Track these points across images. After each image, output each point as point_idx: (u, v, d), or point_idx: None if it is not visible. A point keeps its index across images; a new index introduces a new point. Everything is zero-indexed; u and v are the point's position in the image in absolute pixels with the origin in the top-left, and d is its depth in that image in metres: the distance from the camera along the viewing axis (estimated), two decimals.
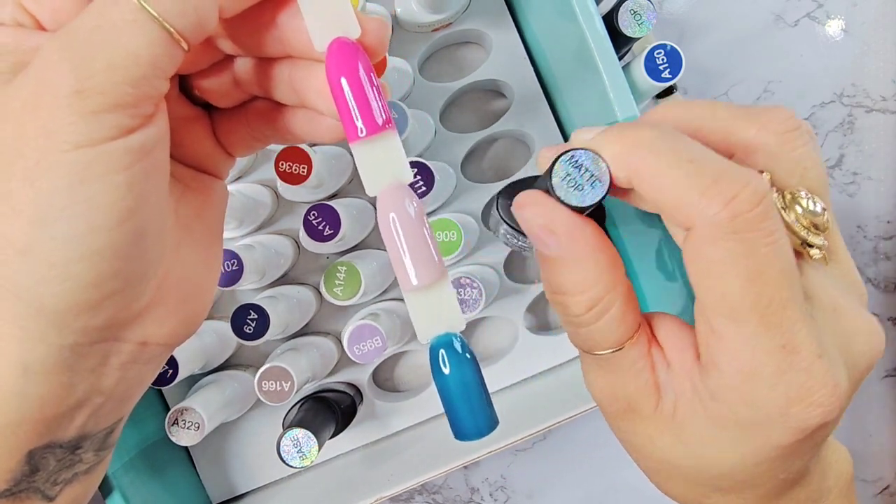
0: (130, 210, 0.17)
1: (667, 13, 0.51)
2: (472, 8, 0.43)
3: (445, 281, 0.18)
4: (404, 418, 0.46)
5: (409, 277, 0.18)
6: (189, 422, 0.38)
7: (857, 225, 0.52)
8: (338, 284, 0.38)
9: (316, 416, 0.39)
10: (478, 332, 0.48)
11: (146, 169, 0.17)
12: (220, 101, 0.23)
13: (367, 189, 0.19)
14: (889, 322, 0.53)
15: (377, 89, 0.19)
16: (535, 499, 0.53)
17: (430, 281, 0.18)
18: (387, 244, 0.19)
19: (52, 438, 0.19)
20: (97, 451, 0.22)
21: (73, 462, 0.21)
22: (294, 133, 0.23)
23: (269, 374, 0.38)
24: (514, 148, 0.47)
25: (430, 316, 0.18)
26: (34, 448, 0.19)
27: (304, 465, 0.37)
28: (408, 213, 0.18)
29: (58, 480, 0.21)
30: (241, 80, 0.22)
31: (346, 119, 0.19)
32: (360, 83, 0.18)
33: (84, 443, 0.21)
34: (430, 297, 0.18)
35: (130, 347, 0.20)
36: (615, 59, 0.34)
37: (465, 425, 0.18)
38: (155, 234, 0.19)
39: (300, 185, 0.37)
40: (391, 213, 0.18)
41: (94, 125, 0.16)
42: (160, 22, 0.16)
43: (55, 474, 0.20)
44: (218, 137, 0.23)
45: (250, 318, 0.38)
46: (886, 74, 0.51)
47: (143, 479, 0.40)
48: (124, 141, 0.17)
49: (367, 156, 0.19)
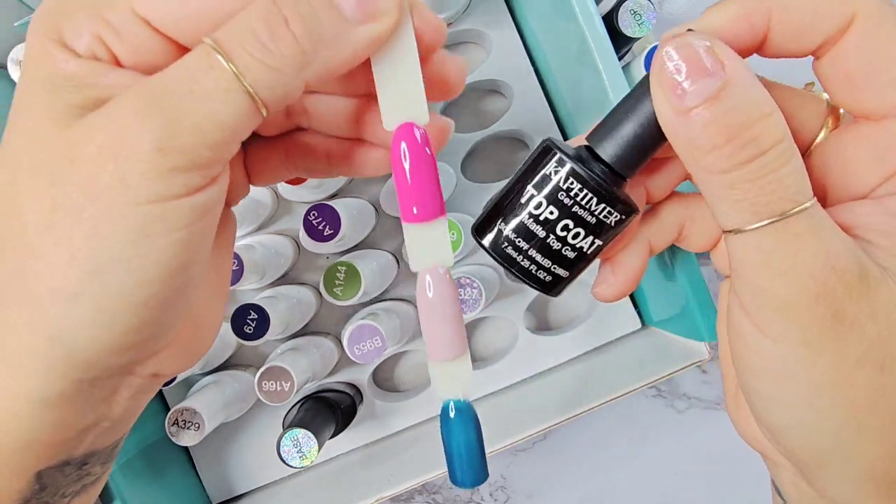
0: (183, 266, 0.17)
1: (667, 13, 0.51)
2: (472, 8, 0.43)
3: (466, 355, 0.21)
4: (404, 418, 0.46)
5: (437, 348, 0.20)
6: (189, 422, 0.38)
7: None
8: (338, 284, 0.38)
9: (316, 416, 0.39)
10: (478, 332, 0.48)
11: (204, 228, 0.18)
12: (266, 130, 0.23)
13: (411, 264, 0.20)
14: None
15: (436, 179, 0.19)
16: (535, 499, 0.53)
17: (457, 354, 0.20)
18: (421, 319, 0.20)
19: (62, 458, 0.20)
20: (104, 464, 0.22)
21: (81, 476, 0.21)
22: (340, 165, 0.23)
23: (269, 374, 0.38)
24: (514, 148, 0.47)
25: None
26: (43, 469, 0.19)
27: (304, 465, 0.37)
28: (443, 295, 0.20)
29: (66, 493, 0.21)
30: (294, 110, 0.22)
31: (402, 199, 0.20)
32: (422, 171, 0.19)
33: (91, 458, 0.21)
34: (454, 368, 0.20)
35: (141, 381, 0.20)
36: (615, 59, 0.34)
37: (463, 477, 0.21)
38: (197, 285, 0.19)
39: (300, 186, 0.37)
40: (429, 294, 0.20)
41: (169, 182, 0.16)
42: (252, 94, 0.16)
43: (63, 488, 0.21)
44: (246, 165, 0.23)
45: (250, 318, 0.38)
46: None
47: (142, 479, 0.40)
48: (190, 199, 0.17)
49: (417, 236, 0.20)
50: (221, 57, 0.16)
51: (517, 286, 0.46)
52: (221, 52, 0.16)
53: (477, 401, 0.46)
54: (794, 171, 0.17)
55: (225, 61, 0.16)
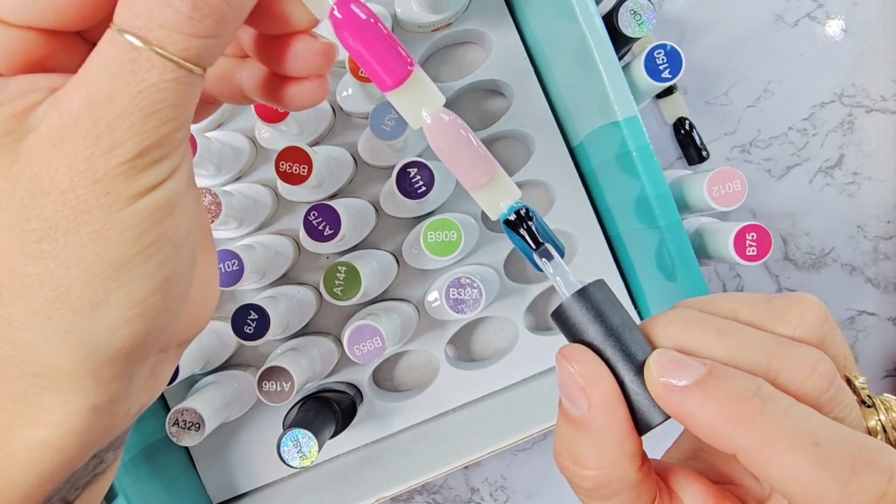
0: (189, 231, 0.18)
1: (667, 13, 0.51)
2: (472, 8, 0.43)
3: (500, 171, 0.22)
4: (404, 418, 0.46)
5: (470, 180, 0.22)
6: (189, 422, 0.38)
7: (857, 225, 0.52)
8: (338, 284, 0.38)
9: (316, 416, 0.39)
10: (478, 332, 0.48)
11: (193, 192, 0.19)
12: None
13: (411, 124, 0.21)
14: (889, 322, 0.53)
15: (390, 40, 0.19)
16: (535, 499, 0.53)
17: (484, 181, 0.22)
18: (445, 163, 0.21)
19: (94, 453, 0.20)
20: (115, 450, 0.22)
21: (95, 465, 0.21)
22: (270, 99, 0.23)
23: (269, 374, 0.38)
24: (514, 148, 0.47)
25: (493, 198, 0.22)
26: (76, 469, 0.20)
27: (304, 465, 0.37)
28: (451, 127, 0.21)
29: (78, 485, 0.21)
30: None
31: (371, 74, 0.20)
32: (373, 39, 0.19)
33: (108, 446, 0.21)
34: (492, 187, 0.22)
35: (174, 353, 0.21)
36: (615, 59, 0.34)
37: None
38: (197, 241, 0.20)
39: (300, 185, 0.37)
40: (440, 136, 0.21)
41: (152, 176, 0.17)
42: (186, 66, 0.17)
43: (77, 480, 0.21)
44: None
45: (250, 318, 0.38)
46: (886, 74, 0.51)
47: (143, 478, 0.40)
48: (175, 178, 0.17)
49: (402, 99, 0.20)
50: (137, 40, 0.16)
51: (517, 286, 0.46)
52: (138, 37, 0.16)
53: (477, 401, 0.46)
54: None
55: (144, 44, 0.16)
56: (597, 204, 0.45)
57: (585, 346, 0.20)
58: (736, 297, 0.21)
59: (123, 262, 0.17)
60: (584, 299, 0.20)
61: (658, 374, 0.19)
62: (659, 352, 0.19)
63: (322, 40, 0.21)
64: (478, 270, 0.43)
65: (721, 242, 0.39)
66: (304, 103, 0.22)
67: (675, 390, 0.18)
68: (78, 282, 0.16)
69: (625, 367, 0.20)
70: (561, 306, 0.21)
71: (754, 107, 0.51)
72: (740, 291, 0.22)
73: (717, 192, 0.38)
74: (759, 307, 0.20)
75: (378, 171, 0.45)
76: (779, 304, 0.20)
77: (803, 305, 0.20)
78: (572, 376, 0.19)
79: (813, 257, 0.52)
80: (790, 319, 0.19)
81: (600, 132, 0.38)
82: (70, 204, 0.16)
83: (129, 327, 0.17)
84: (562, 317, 0.21)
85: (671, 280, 0.38)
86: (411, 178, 0.38)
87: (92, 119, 0.16)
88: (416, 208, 0.42)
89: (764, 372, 0.18)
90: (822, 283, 0.52)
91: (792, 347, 0.18)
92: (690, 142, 0.50)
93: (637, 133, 0.35)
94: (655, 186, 0.35)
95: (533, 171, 0.45)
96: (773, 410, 0.17)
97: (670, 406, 0.18)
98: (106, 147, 0.16)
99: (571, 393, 0.19)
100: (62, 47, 0.18)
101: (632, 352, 0.20)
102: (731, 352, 0.19)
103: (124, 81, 0.16)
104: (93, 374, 0.17)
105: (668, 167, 0.52)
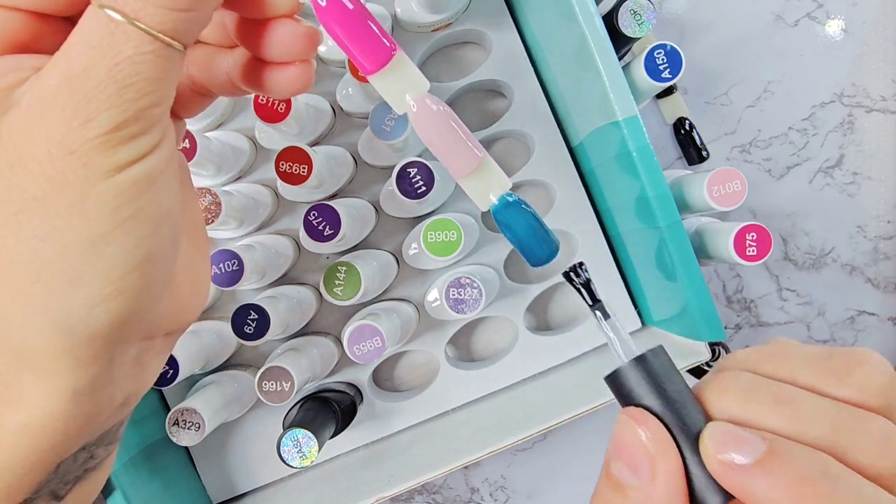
0: (169, 211, 0.18)
1: (667, 13, 0.51)
2: (472, 8, 0.43)
3: (488, 159, 0.22)
4: (404, 418, 0.46)
5: (457, 166, 0.22)
6: (189, 422, 0.38)
7: (857, 225, 0.52)
8: (338, 284, 0.38)
9: (316, 416, 0.39)
10: (478, 332, 0.48)
11: (173, 172, 0.19)
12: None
13: (396, 110, 0.21)
14: (889, 322, 0.53)
15: (371, 25, 0.19)
16: (535, 499, 0.53)
17: (471, 168, 0.22)
18: (432, 150, 0.21)
19: (81, 445, 0.20)
20: (108, 446, 0.22)
21: (85, 459, 0.21)
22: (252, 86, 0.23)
23: (269, 374, 0.38)
24: (514, 148, 0.47)
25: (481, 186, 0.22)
26: (63, 459, 0.19)
27: (304, 465, 0.37)
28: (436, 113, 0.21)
29: (68, 479, 0.21)
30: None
31: (353, 58, 0.20)
32: (353, 22, 0.19)
33: (99, 440, 0.21)
34: (480, 175, 0.22)
35: (161, 341, 0.20)
36: (615, 59, 0.34)
37: (540, 253, 0.22)
38: (182, 226, 0.20)
39: (300, 185, 0.37)
40: (422, 122, 0.21)
41: (127, 149, 0.17)
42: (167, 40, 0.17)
43: (69, 474, 0.20)
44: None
45: (250, 318, 0.38)
46: (886, 74, 0.51)
47: (143, 478, 0.40)
48: (156, 154, 0.17)
49: (384, 83, 0.20)
50: (116, 14, 0.16)
51: (517, 286, 0.46)
52: (116, 10, 0.16)
53: (477, 401, 0.46)
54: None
55: (122, 17, 0.16)
56: (597, 204, 0.45)
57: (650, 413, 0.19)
58: (792, 352, 0.20)
59: (101, 237, 0.17)
60: (644, 367, 0.19)
61: (715, 451, 0.17)
62: (714, 425, 0.18)
63: (305, 24, 0.21)
64: (478, 270, 0.43)
65: (721, 242, 0.39)
66: (289, 89, 0.22)
67: (735, 469, 0.17)
68: (55, 255, 0.16)
69: (683, 440, 0.18)
70: (619, 371, 0.20)
71: (754, 107, 0.51)
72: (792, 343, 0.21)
73: (717, 192, 0.38)
74: (818, 367, 0.19)
75: (378, 171, 0.45)
76: (840, 362, 0.19)
77: (867, 367, 0.18)
78: (643, 443, 0.18)
79: (813, 257, 0.52)
80: (854, 381, 0.18)
81: (600, 132, 0.38)
82: (47, 175, 0.16)
83: (107, 305, 0.17)
84: (617, 381, 0.20)
85: (671, 280, 0.38)
86: (411, 178, 0.38)
87: (70, 91, 0.16)
88: (416, 208, 0.42)
89: (831, 448, 0.17)
90: (822, 283, 0.52)
91: (860, 420, 0.17)
92: (690, 142, 0.50)
93: (637, 133, 0.35)
94: (655, 186, 0.35)
95: (533, 171, 0.45)
96: (845, 494, 0.16)
97: (730, 486, 0.17)
98: (82, 118, 0.16)
99: (636, 459, 0.18)
100: (50, 31, 0.18)
101: (688, 424, 0.18)
102: (792, 424, 0.17)
103: (101, 54, 0.16)
104: (71, 352, 0.17)
105: (668, 167, 0.52)
